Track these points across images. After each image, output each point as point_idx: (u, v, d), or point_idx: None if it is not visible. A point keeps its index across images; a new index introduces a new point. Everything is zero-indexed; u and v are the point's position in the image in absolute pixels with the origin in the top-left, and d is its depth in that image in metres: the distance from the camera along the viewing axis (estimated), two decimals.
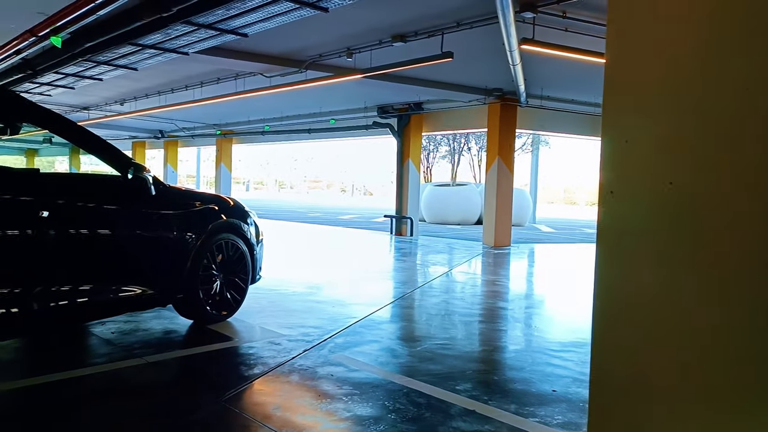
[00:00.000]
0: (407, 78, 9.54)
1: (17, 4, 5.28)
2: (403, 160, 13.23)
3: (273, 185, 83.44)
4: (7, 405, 2.65)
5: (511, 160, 11.52)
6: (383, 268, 8.01)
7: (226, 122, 18.41)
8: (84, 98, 13.75)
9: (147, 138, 22.48)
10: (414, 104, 12.67)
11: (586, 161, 55.16)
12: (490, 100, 11.02)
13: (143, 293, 3.48)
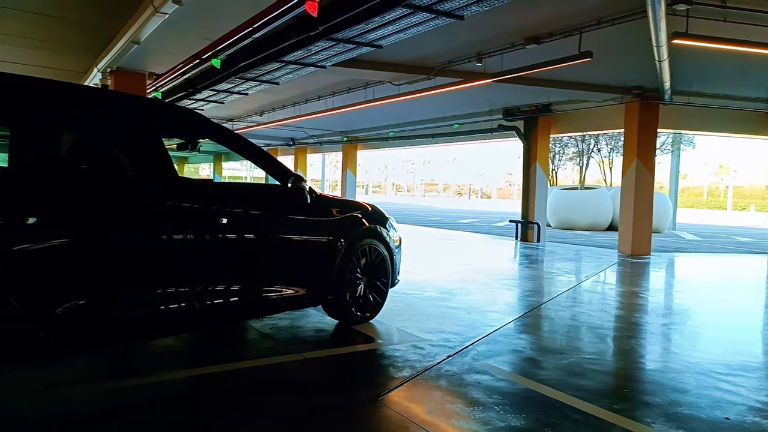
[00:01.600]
0: (537, 80, 9.27)
1: (187, 32, 5.97)
2: (529, 163, 12.86)
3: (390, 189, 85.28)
4: (188, 390, 3.00)
5: (651, 162, 10.71)
6: (513, 276, 7.86)
7: (352, 129, 19.19)
8: (230, 111, 15.12)
9: (279, 145, 24.16)
10: (542, 106, 12.27)
11: (737, 161, 49.49)
12: (627, 98, 10.34)
13: (300, 294, 3.76)
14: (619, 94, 10.28)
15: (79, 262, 2.65)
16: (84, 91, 3.29)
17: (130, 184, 2.98)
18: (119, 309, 2.80)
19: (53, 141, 2.83)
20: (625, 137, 11.01)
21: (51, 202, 2.58)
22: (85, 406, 2.66)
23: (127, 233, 2.84)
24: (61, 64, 9.13)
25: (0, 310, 2.34)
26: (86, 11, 6.01)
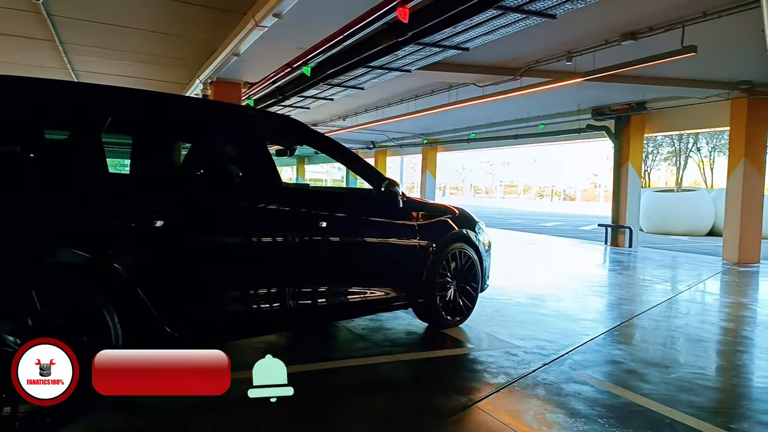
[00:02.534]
0: (632, 77, 8.81)
1: (283, 43, 6.26)
2: (620, 164, 12.25)
3: (468, 190, 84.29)
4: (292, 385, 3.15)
5: (761, 162, 9.85)
6: (605, 282, 7.53)
7: (432, 131, 19.19)
8: (315, 116, 15.61)
9: (360, 148, 24.60)
10: (635, 104, 11.64)
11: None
12: (734, 94, 9.58)
13: (393, 296, 3.84)
14: (725, 90, 9.54)
15: (198, 262, 2.86)
16: (201, 103, 3.55)
17: (242, 190, 3.18)
18: (233, 307, 2.99)
19: (174, 150, 3.09)
20: (730, 135, 10.21)
21: (174, 207, 2.81)
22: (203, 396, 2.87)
23: (240, 237, 3.03)
24: (166, 76, 9.87)
25: (133, 307, 2.58)
26: (193, 27, 6.46)
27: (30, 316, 2.30)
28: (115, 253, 2.52)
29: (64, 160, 2.56)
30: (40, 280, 2.35)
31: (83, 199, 2.53)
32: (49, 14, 6.14)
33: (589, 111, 12.52)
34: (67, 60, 8.56)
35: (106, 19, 6.34)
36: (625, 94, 10.89)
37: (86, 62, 8.86)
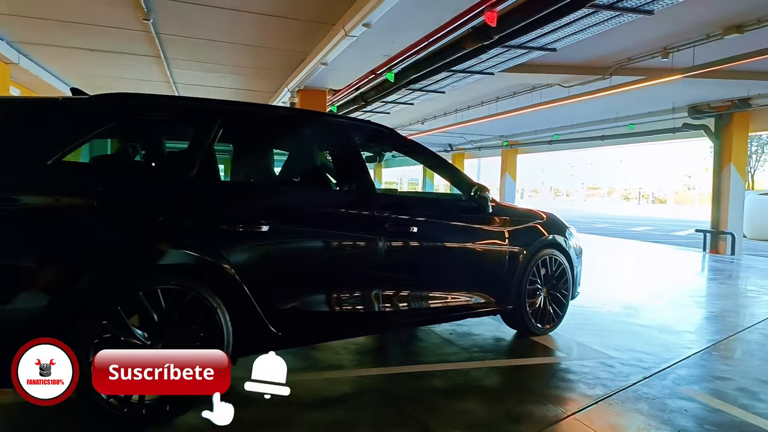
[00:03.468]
0: (736, 72, 8.22)
1: (370, 51, 6.42)
2: (721, 164, 11.42)
3: (547, 192, 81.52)
4: (388, 386, 3.22)
5: None
6: (706, 293, 7.05)
7: (512, 133, 18.81)
8: (394, 120, 15.79)
9: (437, 151, 24.53)
10: (738, 100, 10.81)
11: None
12: None
13: (483, 302, 3.82)
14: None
15: (298, 265, 3.01)
16: (302, 113, 3.73)
17: (340, 196, 3.31)
18: (328, 309, 3.12)
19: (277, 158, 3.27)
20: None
21: (278, 213, 2.97)
22: (306, 391, 3.01)
23: (337, 241, 3.15)
24: (255, 86, 10.39)
25: (242, 308, 2.75)
26: (284, 40, 6.77)
27: (156, 312, 2.52)
28: (227, 255, 2.71)
29: (183, 168, 2.78)
30: (162, 279, 2.57)
31: (199, 204, 2.74)
32: (157, 33, 6.68)
33: (685, 109, 11.78)
34: (170, 73, 9.24)
35: (206, 35, 6.79)
36: (727, 90, 10.15)
37: (185, 75, 9.51)
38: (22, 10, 6.08)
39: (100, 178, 2.60)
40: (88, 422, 2.55)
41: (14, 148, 2.45)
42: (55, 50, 8.00)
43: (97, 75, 9.82)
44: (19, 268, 2.29)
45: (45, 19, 6.38)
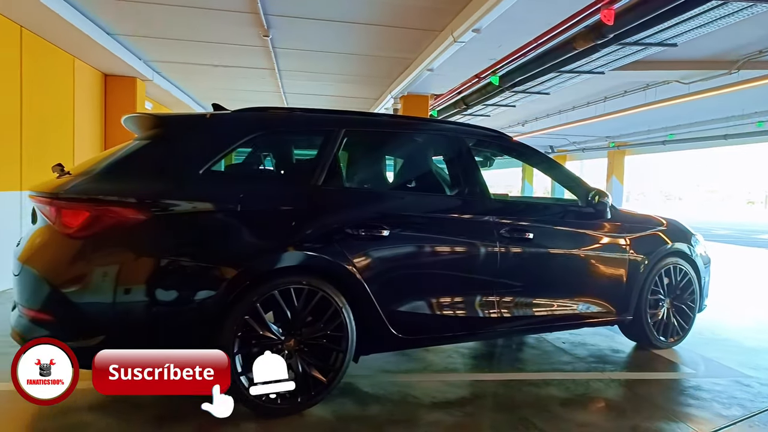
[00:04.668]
0: None
1: (476, 55, 6.42)
2: None
3: (656, 195, 75.89)
4: (504, 392, 3.21)
5: None
6: None
7: (620, 134, 17.81)
8: (493, 123, 15.53)
9: None
10: None
11: None
12: None
13: (600, 311, 3.70)
14: None
15: (416, 269, 3.10)
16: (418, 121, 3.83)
17: (456, 202, 3.36)
18: (445, 312, 3.17)
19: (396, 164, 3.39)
20: None
21: (401, 218, 3.07)
22: (423, 393, 3.10)
23: (454, 246, 3.20)
24: (359, 93, 10.72)
25: (365, 308, 2.89)
26: (391, 47, 6.95)
27: (290, 310, 2.72)
28: (351, 258, 2.85)
29: (312, 176, 2.97)
30: (294, 279, 2.75)
31: (326, 209, 2.91)
32: (273, 47, 7.13)
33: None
34: (281, 84, 9.79)
35: (317, 47, 7.13)
36: None
37: (295, 85, 10.03)
38: (159, 33, 6.76)
39: (242, 186, 2.85)
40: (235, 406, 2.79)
41: (172, 159, 2.76)
42: (183, 67, 8.78)
43: (215, 88, 10.63)
44: (177, 268, 2.57)
45: (177, 40, 7.03)
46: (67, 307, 2.41)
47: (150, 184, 2.63)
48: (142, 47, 7.46)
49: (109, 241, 2.48)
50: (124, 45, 7.29)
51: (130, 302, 2.47)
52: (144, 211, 2.53)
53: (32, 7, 5.13)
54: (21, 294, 2.59)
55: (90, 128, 7.95)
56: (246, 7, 5.58)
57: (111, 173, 2.65)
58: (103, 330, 2.44)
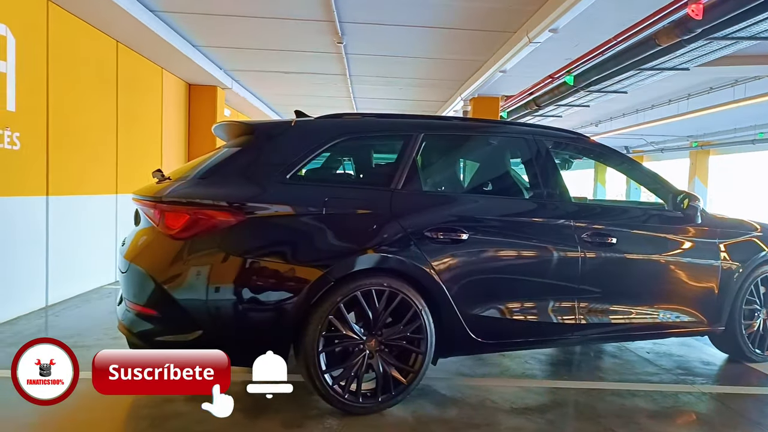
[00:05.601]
0: None
1: (551, 56, 6.28)
2: None
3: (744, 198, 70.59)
4: (584, 400, 3.14)
5: None
6: None
7: (703, 133, 16.80)
8: (565, 124, 15.11)
9: None
10: None
11: None
12: None
13: (689, 321, 3.52)
14: None
15: (495, 273, 3.08)
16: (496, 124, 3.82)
17: (537, 205, 3.31)
18: (524, 317, 3.14)
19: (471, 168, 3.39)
20: None
21: (478, 222, 3.07)
22: (501, 398, 3.08)
23: (534, 251, 3.16)
24: (428, 96, 10.75)
25: (444, 311, 2.91)
26: (463, 50, 6.93)
27: (371, 310, 2.79)
28: (431, 261, 2.88)
29: (392, 180, 3.03)
30: (375, 281, 2.82)
31: (406, 213, 2.96)
32: (346, 54, 7.30)
33: None
34: (351, 89, 10.00)
35: (388, 52, 7.23)
36: None
37: (364, 89, 10.20)
38: (238, 43, 7.09)
39: (326, 191, 2.95)
40: (317, 402, 2.90)
41: (261, 165, 2.90)
42: (259, 75, 9.16)
43: (287, 94, 11.00)
44: (266, 268, 2.69)
45: (255, 49, 7.36)
46: (169, 303, 2.59)
47: (241, 189, 2.77)
48: (223, 57, 7.86)
49: (206, 242, 2.64)
50: (207, 56, 7.71)
51: (224, 300, 2.62)
52: (237, 214, 2.68)
53: (129, 23, 5.54)
54: (128, 290, 2.81)
55: (176, 134, 8.45)
56: (322, 16, 5.75)
57: (206, 178, 2.82)
58: (200, 325, 2.60)
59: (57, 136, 5.04)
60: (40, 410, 2.69)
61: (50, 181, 4.97)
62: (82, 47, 5.52)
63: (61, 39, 5.09)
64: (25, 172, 4.63)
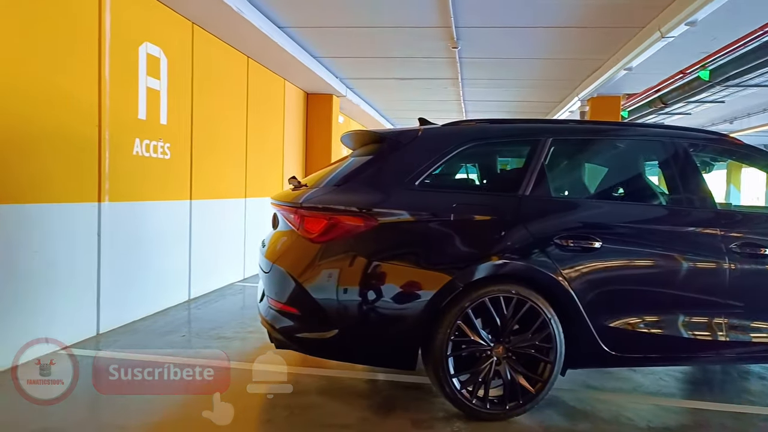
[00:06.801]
0: None
1: (684, 51, 5.84)
2: None
3: None
4: (734, 427, 2.88)
5: None
6: None
7: None
8: (693, 121, 13.94)
9: None
10: None
11: None
12: None
13: None
14: None
15: (633, 284, 2.93)
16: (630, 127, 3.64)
17: (677, 213, 3.11)
18: (663, 332, 2.95)
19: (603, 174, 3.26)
20: None
21: (611, 231, 2.95)
22: (636, 415, 2.93)
23: (674, 261, 2.97)
24: (539, 97, 10.43)
25: (574, 321, 2.82)
26: (580, 49, 6.66)
27: (498, 317, 2.78)
28: (561, 269, 2.81)
29: (519, 186, 3.00)
30: (503, 288, 2.80)
31: (535, 219, 2.91)
32: (460, 58, 7.31)
33: None
34: (462, 93, 9.98)
35: (502, 54, 7.13)
36: None
37: (475, 93, 10.13)
38: (355, 53, 7.37)
39: (454, 197, 2.99)
40: (442, 404, 2.95)
41: (391, 172, 3.00)
42: (371, 82, 9.44)
43: (397, 99, 11.22)
44: (397, 272, 2.78)
45: (370, 58, 7.60)
46: (309, 302, 2.77)
47: (374, 196, 2.89)
48: (340, 66, 8.21)
49: (342, 245, 2.79)
50: (326, 66, 8.09)
51: (356, 301, 2.75)
52: (369, 219, 2.80)
53: (259, 39, 5.98)
54: (270, 288, 3.04)
55: (295, 141, 8.97)
56: (439, 23, 5.82)
57: (341, 186, 2.98)
58: (336, 324, 2.75)
59: (198, 146, 5.57)
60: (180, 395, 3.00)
61: (193, 186, 5.50)
62: (219, 64, 6.05)
63: (202, 57, 5.61)
64: (174, 179, 5.17)
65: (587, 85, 8.06)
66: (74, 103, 3.86)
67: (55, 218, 3.71)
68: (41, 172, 3.60)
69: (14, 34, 3.33)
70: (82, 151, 3.95)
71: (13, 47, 3.32)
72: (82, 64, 3.91)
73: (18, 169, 3.43)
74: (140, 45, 4.58)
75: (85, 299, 4.02)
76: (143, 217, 4.69)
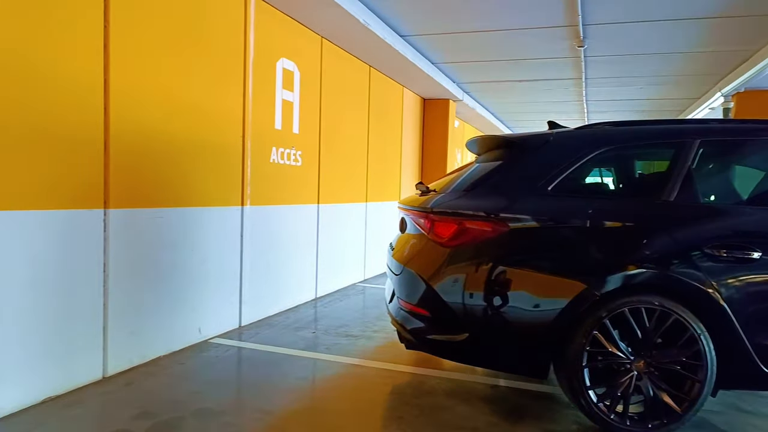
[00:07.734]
0: None
1: None
2: None
3: None
4: None
5: None
6: None
7: None
8: None
9: None
10: None
11: None
12: None
13: None
14: None
15: None
16: None
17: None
18: None
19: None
20: None
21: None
22: None
23: None
24: (672, 94, 9.65)
25: (727, 337, 2.60)
26: (724, 41, 6.08)
27: (640, 329, 2.63)
28: (712, 281, 2.60)
29: (663, 191, 2.81)
30: (644, 299, 2.65)
31: (681, 227, 2.72)
32: (585, 57, 7.00)
33: None
34: (585, 93, 9.53)
35: (629, 51, 6.72)
36: None
37: (598, 92, 9.62)
38: (474, 57, 7.35)
39: (590, 203, 2.88)
40: (574, 415, 2.85)
41: (522, 177, 2.97)
42: (488, 85, 9.34)
43: (514, 102, 10.97)
44: (529, 278, 2.74)
45: (489, 61, 7.53)
46: (439, 304, 2.83)
47: (505, 201, 2.87)
48: (458, 71, 8.23)
49: (472, 250, 2.81)
50: (444, 71, 8.16)
51: (486, 306, 2.75)
52: (502, 225, 2.79)
53: (382, 49, 6.19)
54: (401, 290, 3.14)
55: (412, 146, 9.13)
56: (565, 21, 5.63)
57: (470, 191, 3.00)
58: (467, 328, 2.78)
59: (325, 153, 5.88)
60: (315, 387, 3.18)
61: (320, 191, 5.82)
62: (343, 74, 6.35)
63: (329, 69, 5.93)
64: (304, 185, 5.52)
65: (732, 80, 7.32)
66: (227, 117, 4.27)
67: (212, 221, 4.13)
68: (203, 179, 4.03)
69: (181, 61, 3.77)
70: (231, 159, 4.36)
71: (176, 71, 3.76)
72: (232, 82, 4.32)
73: (188, 177, 3.87)
74: (278, 60, 4.96)
75: (230, 294, 4.43)
76: (278, 220, 5.06)
